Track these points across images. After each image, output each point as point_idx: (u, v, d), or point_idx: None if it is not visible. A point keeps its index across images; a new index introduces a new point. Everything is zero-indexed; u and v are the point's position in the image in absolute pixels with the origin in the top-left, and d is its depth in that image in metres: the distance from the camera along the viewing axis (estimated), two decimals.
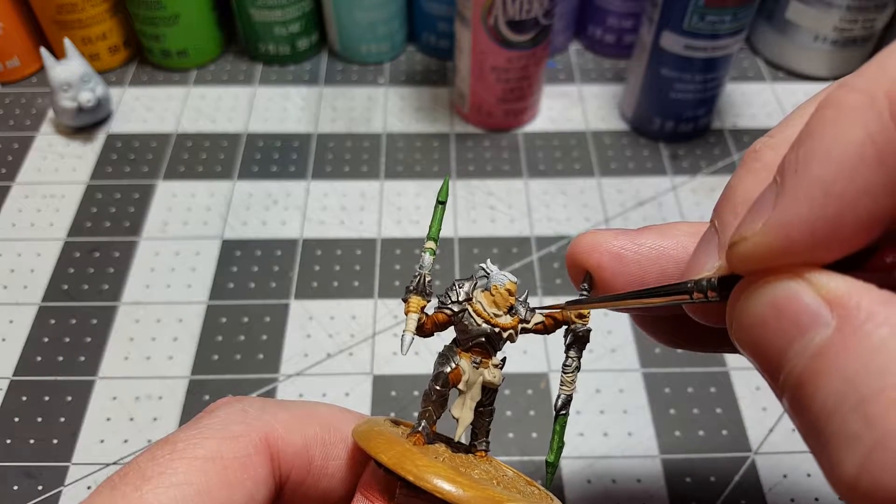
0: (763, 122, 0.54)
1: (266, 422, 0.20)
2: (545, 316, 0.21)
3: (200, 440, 0.19)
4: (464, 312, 0.21)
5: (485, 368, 0.21)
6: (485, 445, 0.22)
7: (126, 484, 0.18)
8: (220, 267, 0.45)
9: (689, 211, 0.48)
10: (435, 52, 0.58)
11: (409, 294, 0.21)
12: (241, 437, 0.19)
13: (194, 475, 0.18)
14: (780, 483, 0.36)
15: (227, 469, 0.19)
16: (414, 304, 0.20)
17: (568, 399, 0.21)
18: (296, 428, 0.21)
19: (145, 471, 0.18)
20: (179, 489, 0.18)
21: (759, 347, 0.15)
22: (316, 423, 0.21)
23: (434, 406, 0.20)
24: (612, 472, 0.36)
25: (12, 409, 0.38)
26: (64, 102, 0.50)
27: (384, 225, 0.47)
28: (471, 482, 0.18)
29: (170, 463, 0.18)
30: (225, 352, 0.41)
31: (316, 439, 0.21)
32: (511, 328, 0.21)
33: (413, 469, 0.18)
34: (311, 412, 0.22)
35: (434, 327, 0.21)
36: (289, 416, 0.21)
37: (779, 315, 0.15)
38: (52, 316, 0.42)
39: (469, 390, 0.20)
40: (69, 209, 0.48)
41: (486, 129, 0.53)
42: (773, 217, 0.15)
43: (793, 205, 0.14)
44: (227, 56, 0.59)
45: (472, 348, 0.21)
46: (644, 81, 0.50)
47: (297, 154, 0.51)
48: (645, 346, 0.41)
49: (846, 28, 0.53)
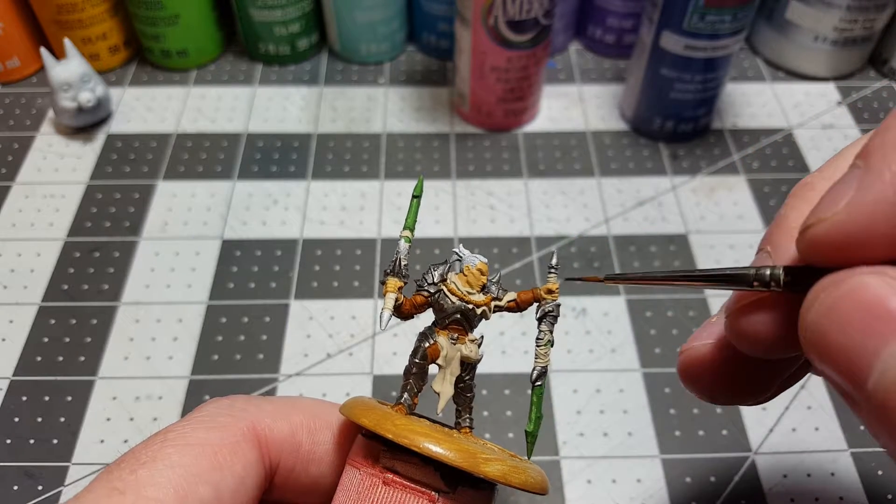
0: (763, 122, 0.54)
1: (252, 412, 0.21)
2: (518, 292, 0.23)
3: (190, 430, 0.20)
4: (439, 293, 0.22)
5: (462, 344, 0.22)
6: (468, 422, 0.22)
7: (122, 469, 0.19)
8: (220, 267, 0.45)
9: (689, 211, 0.48)
10: (435, 52, 0.58)
11: (386, 276, 0.22)
12: (228, 425, 0.20)
13: (186, 458, 0.19)
14: (780, 483, 0.36)
15: (217, 454, 0.19)
16: (391, 285, 0.22)
17: (542, 371, 0.22)
18: (281, 416, 0.22)
19: (140, 457, 0.19)
20: (173, 470, 0.18)
21: (842, 349, 0.14)
22: (300, 411, 0.22)
23: (414, 379, 0.21)
24: (612, 472, 0.36)
25: (12, 409, 0.38)
26: (64, 102, 0.50)
27: (384, 225, 0.47)
28: (448, 438, 0.19)
29: (161, 449, 0.19)
30: (225, 352, 0.41)
31: (301, 426, 0.22)
32: (484, 305, 0.22)
33: (392, 428, 0.19)
34: (294, 403, 0.23)
35: (413, 308, 0.22)
36: (273, 407, 0.22)
37: (868, 314, 0.13)
38: (52, 316, 0.42)
39: (448, 365, 0.21)
40: (69, 209, 0.48)
41: (486, 129, 0.53)
42: (857, 196, 0.14)
43: (878, 186, 0.13)
44: (227, 56, 0.59)
45: (448, 326, 0.22)
46: (644, 81, 0.50)
47: (297, 154, 0.51)
48: (645, 346, 0.41)
49: (846, 28, 0.53)
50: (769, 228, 0.18)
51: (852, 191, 0.14)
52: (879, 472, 0.36)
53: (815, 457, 0.37)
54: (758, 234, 0.47)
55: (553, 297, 0.22)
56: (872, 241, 0.14)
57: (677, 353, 0.22)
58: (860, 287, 0.14)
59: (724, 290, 0.17)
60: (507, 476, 0.19)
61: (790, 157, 0.52)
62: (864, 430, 0.38)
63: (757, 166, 0.51)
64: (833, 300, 0.14)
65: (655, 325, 0.42)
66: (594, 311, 0.43)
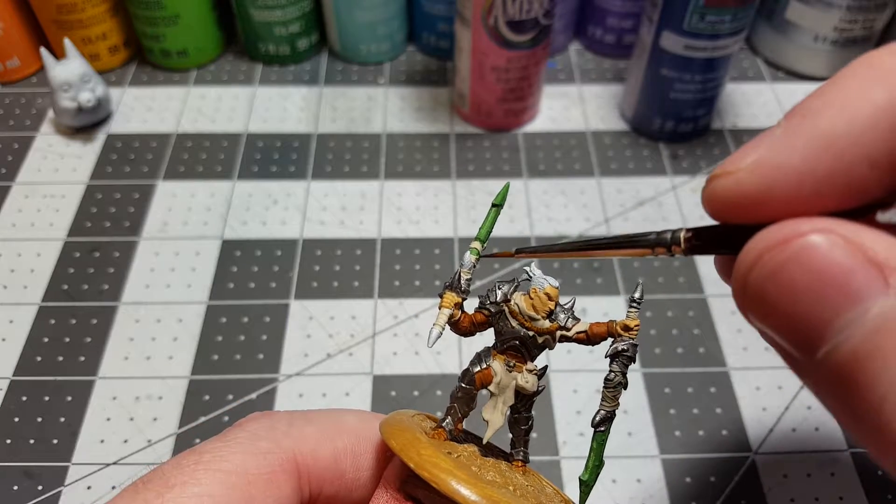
0: (763, 123, 0.54)
1: (294, 438, 0.20)
2: (591, 324, 0.21)
3: (227, 453, 0.19)
4: (500, 314, 0.20)
5: (518, 373, 0.20)
6: (522, 455, 0.21)
7: (149, 490, 0.18)
8: (220, 267, 0.45)
9: (689, 211, 0.48)
10: (435, 52, 0.58)
11: (444, 290, 0.20)
12: (267, 453, 0.19)
13: (217, 487, 0.18)
14: (780, 483, 0.36)
15: (251, 485, 0.18)
16: (447, 300, 0.20)
17: (608, 415, 0.20)
18: (325, 442, 0.20)
19: (169, 478, 0.18)
20: (200, 500, 0.17)
21: (788, 317, 0.13)
22: (345, 434, 0.21)
23: (459, 404, 0.20)
24: (612, 472, 0.36)
25: (12, 409, 0.38)
26: (64, 102, 0.50)
27: (384, 225, 0.47)
28: (473, 479, 0.18)
29: (194, 473, 0.18)
30: (225, 352, 0.41)
31: (346, 451, 0.21)
32: (547, 333, 0.20)
33: (415, 456, 0.18)
34: (339, 424, 0.21)
35: (471, 326, 0.21)
36: (316, 431, 0.21)
37: (819, 280, 0.13)
38: (52, 316, 0.42)
39: (501, 394, 0.20)
40: (69, 209, 0.48)
41: (486, 129, 0.53)
42: (763, 156, 0.14)
43: (787, 150, 0.13)
44: (227, 56, 0.59)
45: (506, 350, 0.20)
46: (644, 81, 0.50)
47: (297, 154, 0.51)
48: (645, 346, 0.41)
49: (846, 28, 0.53)
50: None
51: (763, 149, 0.14)
52: (879, 472, 0.36)
53: (815, 457, 0.37)
54: None
55: (631, 335, 0.20)
56: (770, 201, 0.13)
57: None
58: (809, 250, 0.13)
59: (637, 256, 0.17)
60: None
61: None
62: None
63: None
64: (778, 264, 0.13)
65: (655, 325, 0.42)
66: (594, 311, 0.43)
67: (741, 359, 0.41)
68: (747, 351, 0.41)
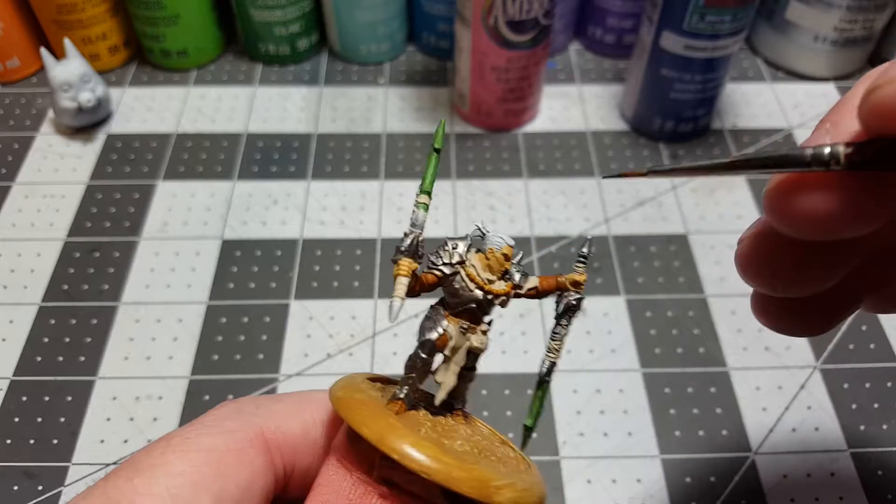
0: (763, 123, 0.54)
1: (261, 415, 0.20)
2: (540, 278, 0.20)
3: (195, 435, 0.19)
4: (456, 275, 0.19)
5: (472, 334, 0.20)
6: (460, 404, 0.21)
7: (119, 476, 0.18)
8: (220, 267, 0.45)
9: (689, 211, 0.48)
10: (435, 52, 0.58)
11: (399, 255, 0.19)
12: (235, 431, 0.19)
13: (187, 466, 0.18)
14: (780, 483, 0.36)
15: (221, 461, 0.18)
16: (405, 267, 0.19)
17: (552, 366, 0.20)
18: (292, 416, 0.21)
19: (139, 464, 0.18)
20: (172, 479, 0.18)
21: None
22: (311, 407, 0.21)
23: (418, 373, 0.19)
24: (612, 472, 0.36)
25: (12, 409, 0.38)
26: (64, 102, 0.50)
27: (384, 225, 0.47)
28: (457, 461, 0.17)
29: (163, 456, 0.18)
30: (225, 352, 0.41)
31: (314, 422, 0.21)
32: (504, 294, 0.19)
33: (398, 448, 0.17)
34: (305, 398, 0.22)
35: (421, 289, 0.19)
36: (283, 407, 0.21)
37: None
38: (52, 316, 0.42)
39: (454, 355, 0.19)
40: (69, 209, 0.48)
41: (486, 129, 0.53)
42: None
43: None
44: (227, 56, 0.59)
45: (461, 313, 0.20)
46: (644, 81, 0.50)
47: (297, 154, 0.51)
48: (645, 346, 0.41)
49: (846, 28, 0.53)
50: (832, 108, 0.16)
51: None
52: (879, 472, 0.36)
53: (815, 457, 0.37)
54: None
55: (579, 290, 0.20)
56: None
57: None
58: None
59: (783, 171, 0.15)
60: (517, 502, 0.18)
61: None
62: (865, 430, 0.38)
63: None
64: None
65: (655, 325, 0.42)
66: (594, 311, 0.43)
67: (741, 359, 0.41)
68: (747, 351, 0.41)
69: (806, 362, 0.41)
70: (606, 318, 0.42)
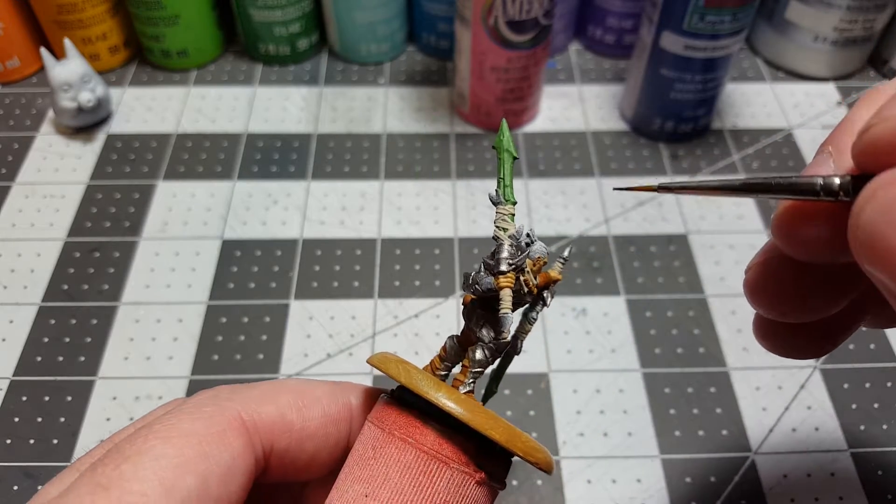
0: (763, 123, 0.54)
1: (237, 400, 0.21)
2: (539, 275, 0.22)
3: (176, 421, 0.20)
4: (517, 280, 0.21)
5: None
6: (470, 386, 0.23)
7: (106, 465, 0.18)
8: (220, 267, 0.45)
9: (688, 211, 0.48)
10: (435, 52, 0.58)
11: (509, 270, 0.20)
12: (214, 415, 0.20)
13: (170, 450, 0.19)
14: (780, 483, 0.36)
15: (202, 443, 0.19)
16: (512, 280, 0.20)
17: (521, 343, 0.22)
18: (267, 399, 0.22)
19: (124, 451, 0.19)
20: (157, 462, 0.18)
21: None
22: (286, 391, 0.22)
23: (484, 368, 0.21)
24: (612, 472, 0.36)
25: (12, 409, 0.38)
26: (64, 102, 0.50)
27: (384, 225, 0.47)
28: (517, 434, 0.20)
29: (146, 442, 0.19)
30: (225, 352, 0.41)
31: (289, 405, 0.22)
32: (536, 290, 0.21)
33: (523, 446, 0.19)
34: (279, 385, 0.23)
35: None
36: (259, 392, 0.22)
37: None
38: (52, 316, 0.42)
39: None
40: (69, 209, 0.48)
41: (486, 129, 0.53)
42: None
43: None
44: (227, 56, 0.59)
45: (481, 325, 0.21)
46: (644, 81, 0.50)
47: (297, 154, 0.51)
48: (645, 346, 0.41)
49: (846, 28, 0.53)
50: (833, 131, 0.17)
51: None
52: (879, 472, 0.36)
53: (815, 457, 0.37)
54: (758, 234, 0.47)
55: (556, 284, 0.22)
56: None
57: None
58: None
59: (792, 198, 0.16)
60: (542, 461, 0.20)
61: (790, 158, 0.52)
62: (864, 429, 0.38)
63: (757, 166, 0.51)
64: (891, 199, 0.13)
65: (655, 325, 0.42)
66: (594, 311, 0.43)
67: (741, 359, 0.41)
68: (747, 351, 0.41)
69: (806, 362, 0.41)
70: (606, 318, 0.42)
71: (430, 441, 0.19)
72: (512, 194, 0.21)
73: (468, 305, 0.22)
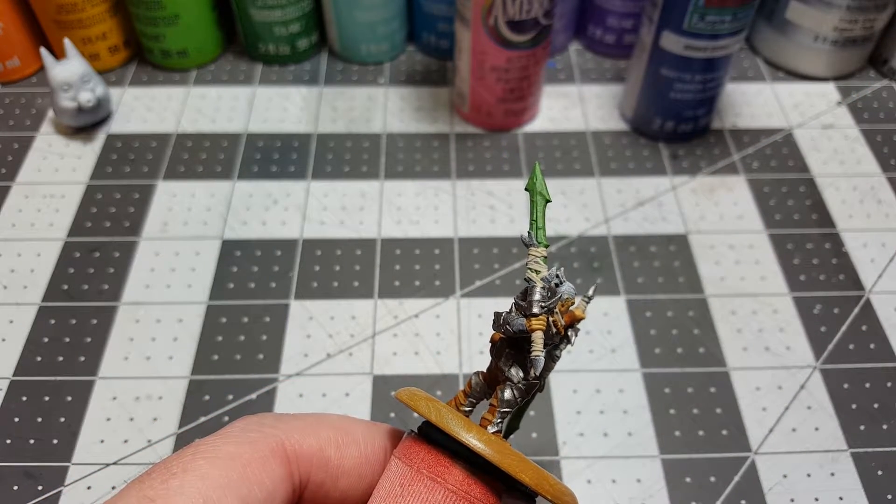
0: (763, 122, 0.54)
1: (281, 428, 0.22)
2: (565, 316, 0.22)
3: (222, 443, 0.20)
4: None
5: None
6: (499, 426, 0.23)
7: (153, 479, 0.19)
8: (220, 267, 0.45)
9: (689, 211, 0.48)
10: (435, 52, 0.58)
11: (541, 312, 0.21)
12: (258, 441, 0.21)
13: (216, 470, 0.19)
14: (780, 483, 0.36)
15: (246, 467, 0.20)
16: (544, 323, 0.21)
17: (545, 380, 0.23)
18: (310, 431, 0.22)
19: (171, 468, 0.19)
20: (203, 482, 0.19)
21: None
22: (328, 426, 0.23)
23: (513, 408, 0.22)
24: (612, 472, 0.36)
25: (12, 409, 0.38)
26: (64, 102, 0.50)
27: (384, 225, 0.47)
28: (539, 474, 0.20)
29: (193, 461, 0.19)
30: (225, 352, 0.41)
31: (329, 441, 0.22)
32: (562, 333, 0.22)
33: (551, 489, 0.20)
34: (322, 419, 0.23)
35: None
36: (302, 423, 0.22)
37: None
38: (52, 316, 0.42)
39: None
40: (69, 209, 0.48)
41: (486, 129, 0.53)
42: None
43: None
44: (227, 56, 0.59)
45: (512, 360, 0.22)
46: (644, 81, 0.50)
47: (297, 154, 0.51)
48: (645, 346, 0.41)
49: (846, 28, 0.53)
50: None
51: None
52: (879, 472, 0.36)
53: (815, 457, 0.37)
54: (758, 234, 0.47)
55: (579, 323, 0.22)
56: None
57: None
58: None
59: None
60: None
61: (790, 157, 0.52)
62: (865, 430, 0.38)
63: (757, 166, 0.51)
64: None
65: (655, 325, 0.42)
66: (594, 311, 0.43)
67: (741, 359, 0.41)
68: (747, 351, 0.41)
69: (806, 362, 0.41)
70: (606, 318, 0.42)
71: (458, 481, 0.20)
72: (544, 237, 0.21)
73: (497, 344, 0.22)
